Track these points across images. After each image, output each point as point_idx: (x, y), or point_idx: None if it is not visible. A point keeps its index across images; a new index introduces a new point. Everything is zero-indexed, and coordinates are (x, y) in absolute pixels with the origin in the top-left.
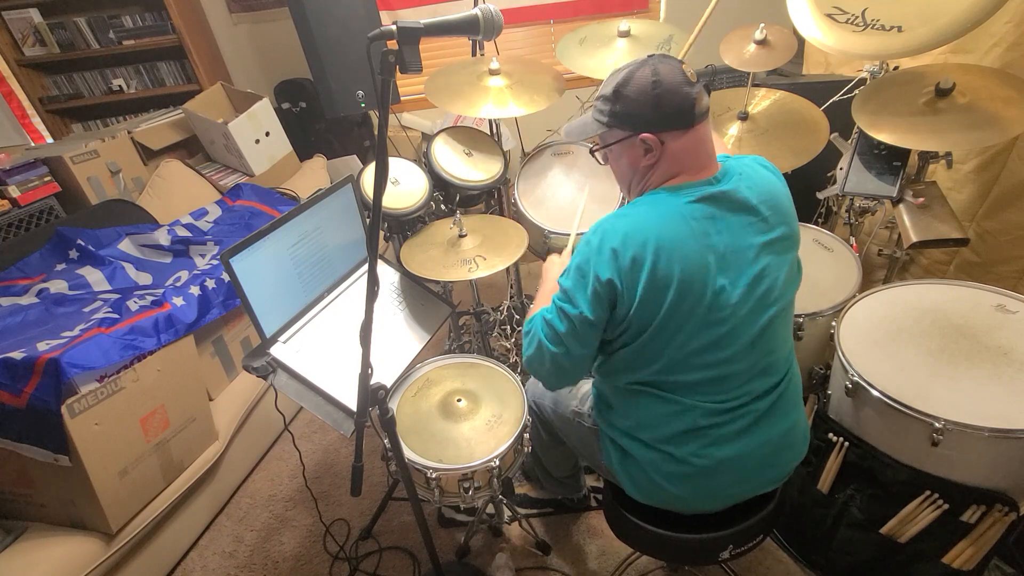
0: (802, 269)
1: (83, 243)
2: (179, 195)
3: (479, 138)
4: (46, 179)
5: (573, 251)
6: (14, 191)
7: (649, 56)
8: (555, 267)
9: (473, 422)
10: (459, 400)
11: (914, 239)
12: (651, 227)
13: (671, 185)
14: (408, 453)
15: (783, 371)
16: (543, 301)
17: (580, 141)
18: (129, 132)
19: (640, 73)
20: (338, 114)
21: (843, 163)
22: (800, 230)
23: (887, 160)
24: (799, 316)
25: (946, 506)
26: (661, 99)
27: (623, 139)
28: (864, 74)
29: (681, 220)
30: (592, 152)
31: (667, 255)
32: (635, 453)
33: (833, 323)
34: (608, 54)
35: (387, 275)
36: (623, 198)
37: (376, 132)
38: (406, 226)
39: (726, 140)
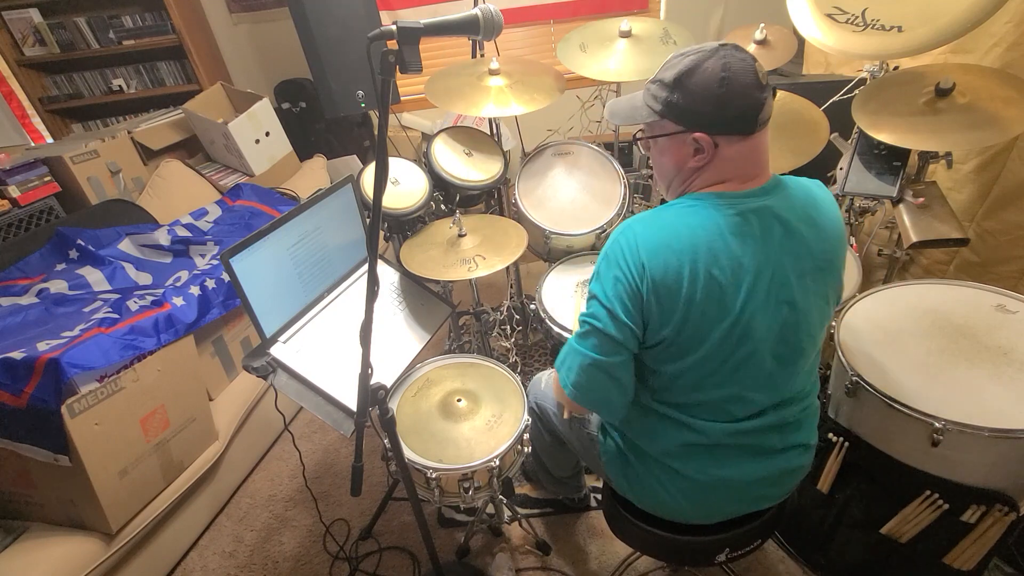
0: (839, 297)
1: (83, 243)
2: (179, 195)
3: (479, 138)
4: (46, 179)
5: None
6: (14, 191)
7: (722, 45)
8: None
9: (473, 422)
10: (459, 400)
11: (914, 239)
12: (683, 238)
13: (714, 191)
14: (408, 453)
15: (800, 400)
16: None
17: (623, 125)
18: (129, 132)
19: (709, 64)
20: (338, 114)
21: (843, 163)
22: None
23: (887, 160)
24: None
25: (946, 506)
26: (726, 100)
27: (673, 133)
28: (864, 74)
29: (716, 235)
30: (635, 139)
31: (695, 271)
32: (636, 462)
33: (833, 323)
34: (609, 56)
35: (387, 275)
36: (624, 196)
37: (376, 132)
38: (406, 226)
39: None
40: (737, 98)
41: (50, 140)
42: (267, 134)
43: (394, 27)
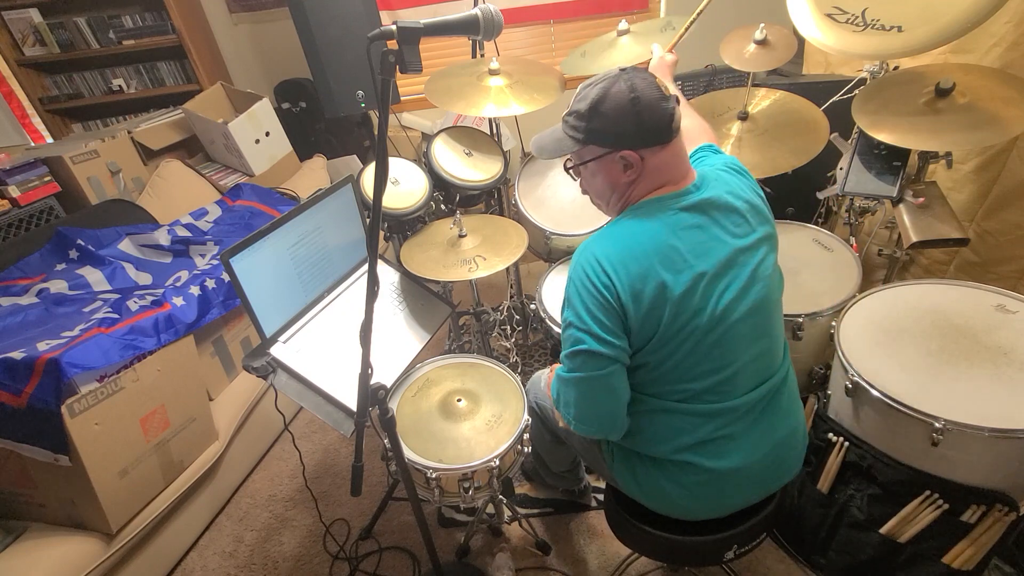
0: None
1: (83, 243)
2: (179, 195)
3: (479, 138)
4: (46, 179)
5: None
6: (14, 191)
7: (621, 70)
8: None
9: (473, 422)
10: (459, 400)
11: (914, 239)
12: (641, 243)
13: (655, 196)
14: (408, 453)
15: (781, 369)
16: None
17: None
18: (129, 132)
19: (616, 88)
20: (338, 114)
21: (843, 163)
22: (781, 229)
23: (887, 160)
24: (799, 316)
25: (946, 506)
26: (641, 115)
27: (601, 156)
28: (864, 74)
29: (671, 232)
30: (567, 169)
31: (662, 272)
32: (647, 463)
33: (833, 323)
34: (613, 56)
35: (387, 275)
36: None
37: (376, 132)
38: (406, 226)
39: (726, 140)
40: (650, 112)
41: (50, 140)
42: (267, 134)
43: (394, 27)
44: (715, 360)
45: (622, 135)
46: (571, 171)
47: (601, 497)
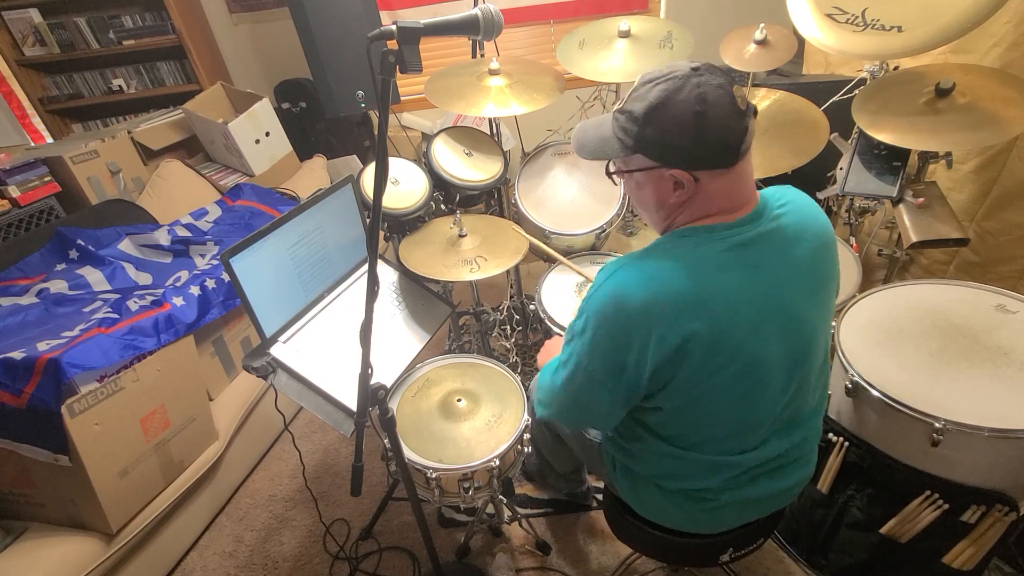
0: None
1: (83, 243)
2: (179, 195)
3: (479, 138)
4: (46, 179)
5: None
6: (14, 191)
7: (694, 69)
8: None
9: (473, 422)
10: (459, 400)
11: (914, 239)
12: (675, 286)
13: (705, 224)
14: (408, 453)
15: (812, 419)
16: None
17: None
18: (129, 132)
19: (682, 96)
20: (338, 114)
21: (843, 163)
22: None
23: (887, 160)
24: None
25: (946, 506)
26: (704, 133)
27: (649, 168)
28: (864, 74)
29: (714, 274)
30: (608, 173)
31: (692, 322)
32: (646, 487)
33: (833, 323)
34: (609, 55)
35: (387, 275)
36: (623, 196)
37: (376, 132)
38: (406, 226)
39: None
40: (715, 131)
41: (50, 140)
42: (267, 134)
43: (394, 27)
44: (738, 411)
45: (677, 151)
46: (613, 176)
47: (601, 497)
